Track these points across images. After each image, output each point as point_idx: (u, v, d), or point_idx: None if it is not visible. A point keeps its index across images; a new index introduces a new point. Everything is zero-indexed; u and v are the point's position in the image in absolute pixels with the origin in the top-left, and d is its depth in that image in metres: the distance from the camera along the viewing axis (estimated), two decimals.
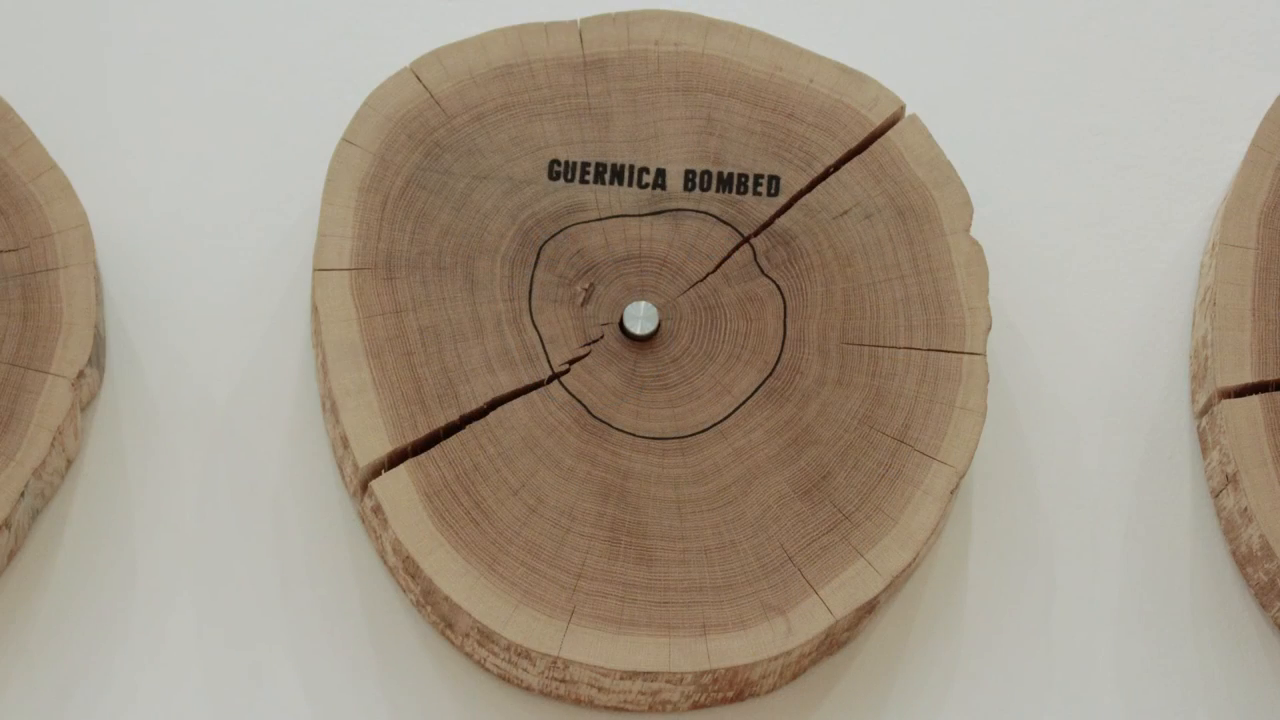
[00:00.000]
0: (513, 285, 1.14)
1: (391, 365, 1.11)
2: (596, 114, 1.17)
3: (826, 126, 1.17)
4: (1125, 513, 1.17)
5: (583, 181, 1.16)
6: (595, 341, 1.13)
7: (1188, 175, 1.24)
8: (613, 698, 1.09)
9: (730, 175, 1.16)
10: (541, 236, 1.15)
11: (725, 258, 1.15)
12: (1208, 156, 1.25)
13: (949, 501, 1.10)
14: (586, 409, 1.11)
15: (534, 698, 1.11)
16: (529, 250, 1.14)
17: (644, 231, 1.15)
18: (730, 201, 1.16)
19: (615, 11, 1.20)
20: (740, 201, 1.16)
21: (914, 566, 1.12)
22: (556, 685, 1.09)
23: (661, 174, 1.16)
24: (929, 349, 1.13)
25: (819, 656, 1.11)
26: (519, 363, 1.12)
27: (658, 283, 1.14)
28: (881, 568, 1.08)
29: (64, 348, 1.11)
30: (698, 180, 1.16)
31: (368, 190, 1.15)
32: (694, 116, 1.17)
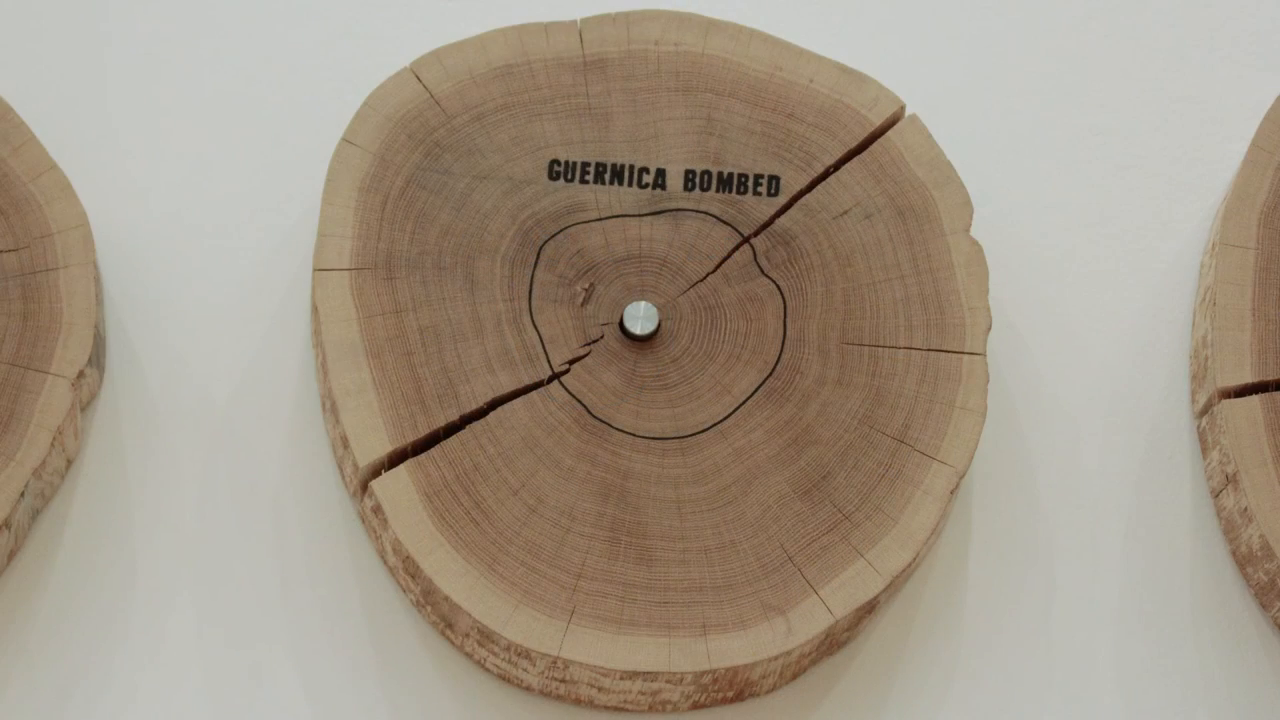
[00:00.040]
0: (513, 285, 1.14)
1: (391, 365, 1.11)
2: (596, 114, 1.17)
3: (826, 126, 1.17)
4: (1125, 513, 1.17)
5: (583, 181, 1.16)
6: (595, 341, 1.13)
7: (1188, 175, 1.24)
8: (613, 698, 1.09)
9: (730, 175, 1.16)
10: (541, 236, 1.15)
11: (725, 258, 1.15)
12: (1208, 156, 1.25)
13: (949, 501, 1.10)
14: (586, 409, 1.11)
15: (534, 698, 1.11)
16: (529, 250, 1.14)
17: (644, 231, 1.15)
18: (730, 201, 1.16)
19: (615, 11, 1.20)
20: (740, 201, 1.16)
21: (914, 566, 1.12)
22: (556, 685, 1.09)
23: (661, 174, 1.16)
24: (929, 349, 1.13)
25: (819, 656, 1.11)
26: (519, 363, 1.12)
27: (658, 283, 1.14)
28: (881, 568, 1.08)
29: (64, 348, 1.11)
30: (698, 180, 1.16)
31: (368, 190, 1.15)
32: (694, 116, 1.17)
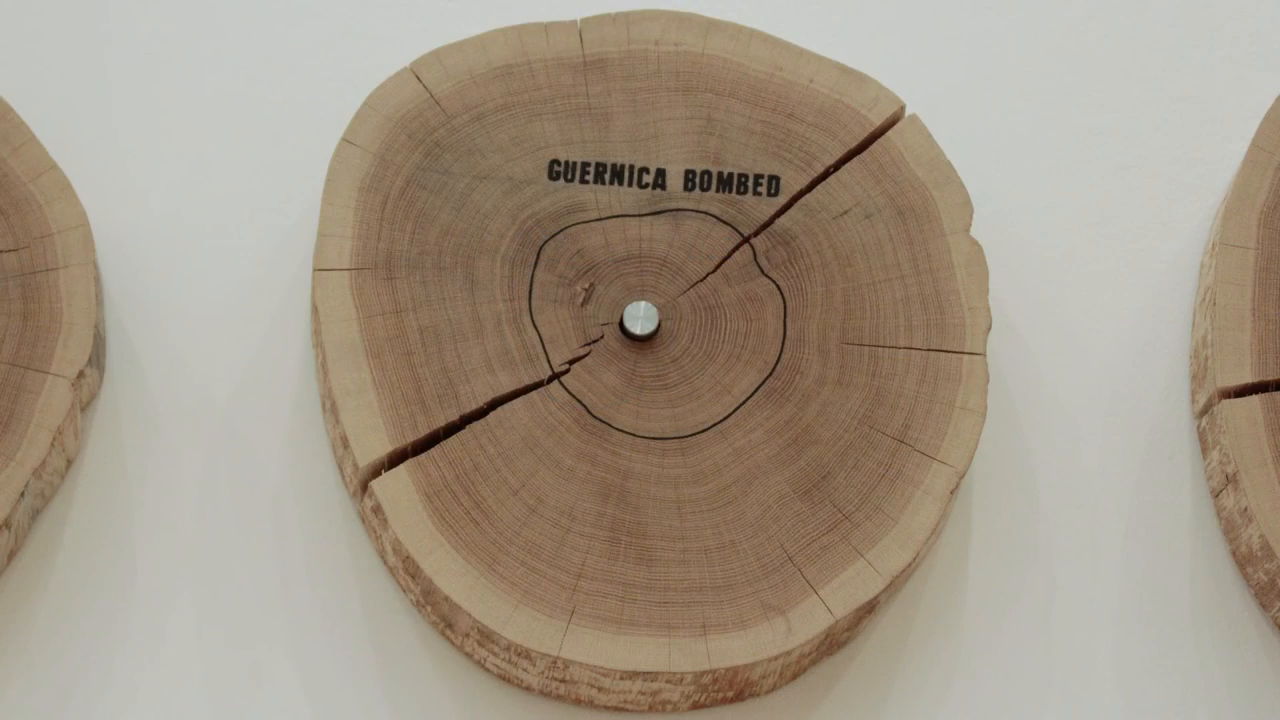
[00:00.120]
0: (513, 285, 1.14)
1: (391, 365, 1.11)
2: (596, 114, 1.17)
3: (826, 126, 1.17)
4: (1125, 513, 1.17)
5: (583, 181, 1.16)
6: (595, 341, 1.13)
7: (1188, 175, 1.24)
8: (613, 698, 1.09)
9: (730, 175, 1.16)
10: (541, 236, 1.15)
11: (725, 258, 1.15)
12: (1208, 156, 1.25)
13: (949, 501, 1.10)
14: (586, 409, 1.11)
15: (534, 698, 1.11)
16: (529, 250, 1.14)
17: (644, 231, 1.15)
18: (730, 201, 1.16)
19: (615, 11, 1.20)
20: (740, 201, 1.16)
21: (914, 566, 1.12)
22: (556, 685, 1.09)
23: (661, 174, 1.16)
24: (929, 349, 1.13)
25: (819, 656, 1.11)
26: (519, 363, 1.12)
27: (658, 283, 1.14)
28: (881, 568, 1.08)
29: (64, 348, 1.11)
30: (698, 180, 1.16)
31: (368, 190, 1.15)
32: (694, 116, 1.17)
